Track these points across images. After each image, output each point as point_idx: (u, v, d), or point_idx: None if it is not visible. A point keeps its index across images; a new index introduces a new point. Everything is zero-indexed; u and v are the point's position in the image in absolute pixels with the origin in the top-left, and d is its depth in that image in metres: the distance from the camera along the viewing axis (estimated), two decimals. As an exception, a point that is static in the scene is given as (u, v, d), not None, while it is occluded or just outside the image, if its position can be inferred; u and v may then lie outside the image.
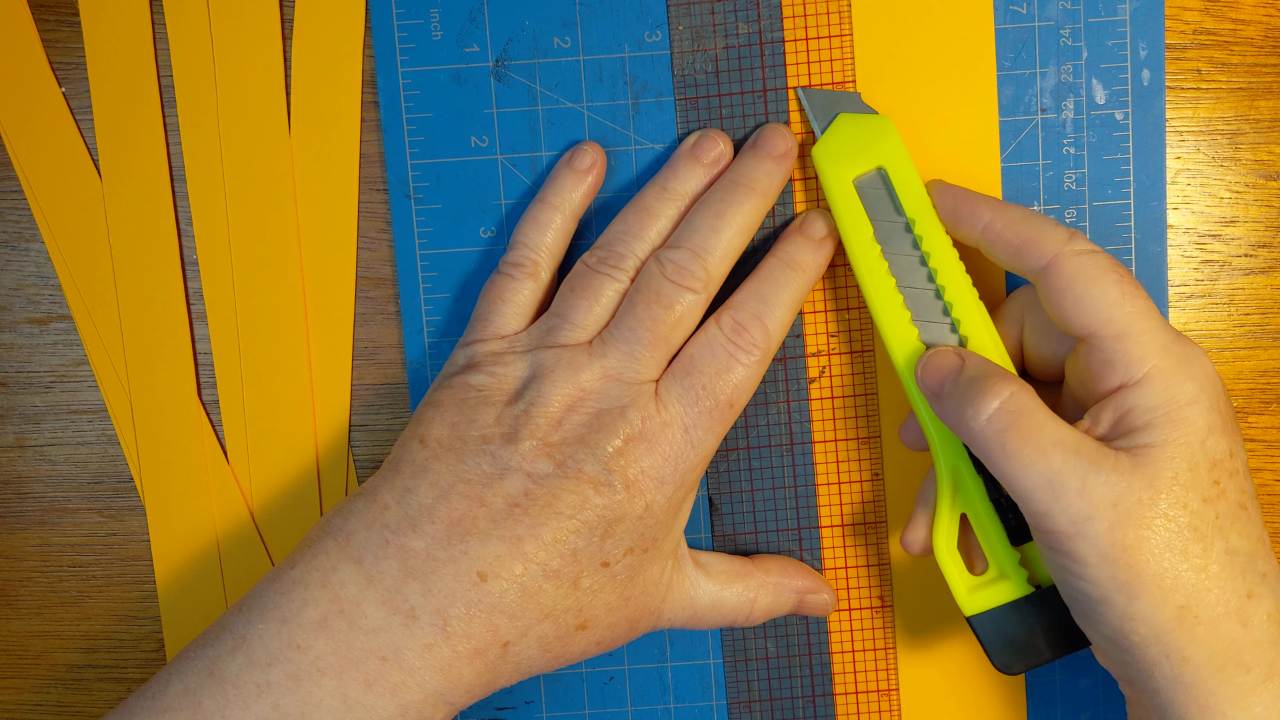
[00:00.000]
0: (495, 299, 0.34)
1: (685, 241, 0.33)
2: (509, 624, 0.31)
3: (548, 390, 0.32)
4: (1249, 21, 0.36)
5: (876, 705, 0.37)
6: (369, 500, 0.32)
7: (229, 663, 0.31)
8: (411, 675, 0.30)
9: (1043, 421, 0.29)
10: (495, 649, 0.31)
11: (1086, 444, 0.29)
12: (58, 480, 0.38)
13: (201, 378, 0.37)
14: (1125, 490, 0.29)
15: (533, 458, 0.31)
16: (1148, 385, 0.29)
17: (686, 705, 0.38)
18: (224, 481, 0.37)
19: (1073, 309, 0.30)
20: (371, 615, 0.30)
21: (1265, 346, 0.37)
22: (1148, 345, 0.30)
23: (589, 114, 0.36)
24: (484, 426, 0.32)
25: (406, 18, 0.35)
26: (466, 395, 0.32)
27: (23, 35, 0.36)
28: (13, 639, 0.38)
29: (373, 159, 0.36)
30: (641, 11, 0.35)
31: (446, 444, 0.32)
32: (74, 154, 0.36)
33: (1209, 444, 0.29)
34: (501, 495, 0.31)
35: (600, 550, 0.31)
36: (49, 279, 0.37)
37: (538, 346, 0.33)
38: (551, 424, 0.32)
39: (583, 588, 0.32)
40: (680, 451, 0.32)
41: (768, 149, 0.34)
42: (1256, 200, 0.36)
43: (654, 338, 0.32)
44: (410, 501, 0.31)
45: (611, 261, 0.33)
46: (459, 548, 0.31)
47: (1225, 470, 0.29)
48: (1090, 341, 0.30)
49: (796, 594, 0.36)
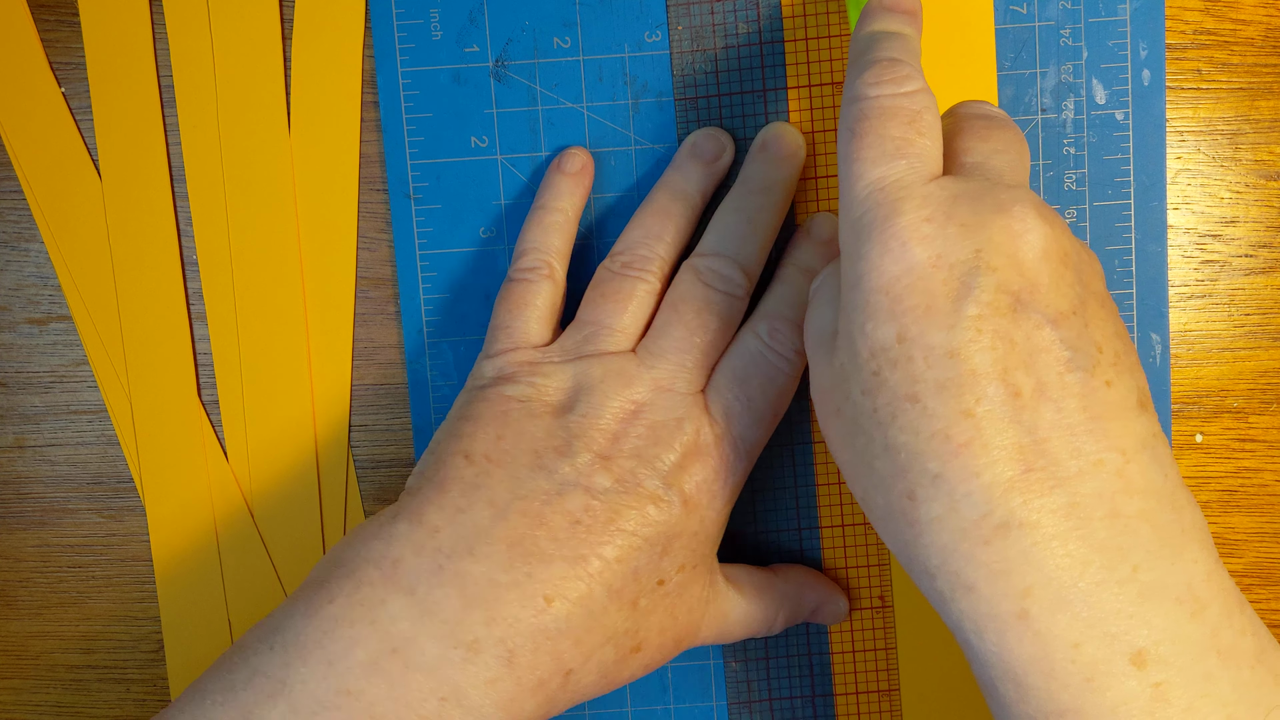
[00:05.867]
0: (516, 306, 0.33)
1: (722, 249, 0.33)
2: (573, 650, 0.29)
3: (599, 402, 0.31)
4: (1249, 21, 0.36)
5: (876, 705, 0.37)
6: (413, 523, 0.29)
7: (268, 711, 0.28)
8: (472, 714, 0.28)
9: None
10: (558, 678, 0.29)
11: (830, 334, 0.28)
12: (57, 480, 0.38)
13: (201, 378, 0.37)
14: (818, 381, 0.28)
15: (590, 472, 0.30)
16: (838, 268, 0.29)
17: (686, 705, 0.38)
18: (224, 481, 0.37)
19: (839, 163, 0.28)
20: (429, 651, 0.28)
21: (1265, 346, 0.37)
22: (841, 220, 0.28)
23: (589, 114, 0.36)
24: (534, 440, 0.30)
25: (406, 18, 0.35)
26: (508, 408, 0.31)
27: (23, 35, 0.36)
28: (12, 639, 0.38)
29: (373, 159, 0.36)
30: (641, 11, 0.35)
31: (495, 459, 0.30)
32: (74, 154, 0.36)
33: (868, 330, 0.26)
34: (561, 513, 0.29)
35: (657, 568, 0.30)
36: (49, 279, 0.37)
37: (578, 356, 0.32)
38: (607, 437, 0.30)
39: (640, 608, 0.30)
40: (731, 464, 0.31)
41: (779, 150, 0.34)
42: (1257, 200, 0.36)
43: (705, 346, 0.32)
44: (464, 522, 0.29)
45: (637, 264, 0.33)
46: (522, 570, 0.29)
47: (887, 359, 0.26)
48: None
49: (815, 604, 0.36)
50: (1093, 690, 0.24)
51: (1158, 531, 0.25)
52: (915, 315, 0.25)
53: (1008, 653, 0.25)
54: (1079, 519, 0.24)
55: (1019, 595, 0.24)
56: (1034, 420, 0.25)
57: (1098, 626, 0.24)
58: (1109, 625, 0.24)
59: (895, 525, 0.26)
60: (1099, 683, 0.24)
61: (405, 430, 0.37)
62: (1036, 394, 0.25)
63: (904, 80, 0.27)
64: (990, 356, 0.25)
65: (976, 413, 0.25)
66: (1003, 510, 0.24)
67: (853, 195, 0.27)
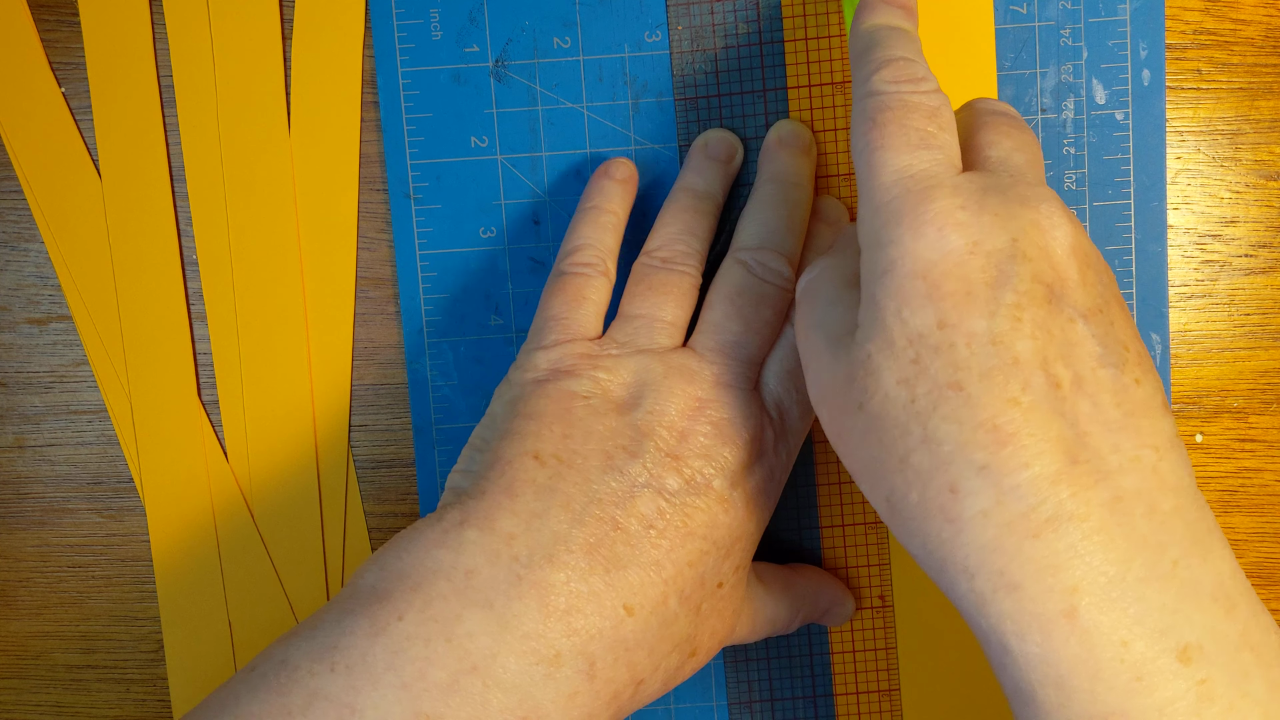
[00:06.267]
0: (573, 299, 0.32)
1: (767, 242, 0.32)
2: (646, 660, 0.28)
3: (665, 398, 0.30)
4: (1249, 21, 0.36)
5: (877, 705, 0.37)
6: (484, 530, 0.28)
7: None
8: None
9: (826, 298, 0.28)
10: (630, 689, 0.28)
11: (838, 329, 0.27)
12: (57, 480, 0.38)
13: (201, 378, 0.37)
14: (826, 380, 0.27)
15: (660, 473, 0.29)
16: (831, 265, 0.28)
17: (687, 705, 0.38)
18: (224, 481, 0.37)
19: (854, 159, 0.28)
20: (511, 668, 0.26)
21: (1265, 346, 0.37)
22: (863, 209, 0.27)
23: (589, 114, 0.36)
24: (601, 439, 0.29)
25: (406, 18, 0.35)
26: (571, 405, 0.30)
27: (23, 35, 0.36)
28: (12, 639, 0.38)
29: (373, 159, 0.36)
30: (641, 11, 0.35)
31: (565, 459, 0.29)
32: (74, 154, 0.36)
33: (905, 316, 0.25)
34: (635, 516, 0.28)
35: (719, 571, 0.29)
36: (49, 279, 0.37)
37: (636, 350, 0.31)
38: (675, 435, 0.29)
39: (702, 612, 0.29)
40: (784, 463, 0.31)
41: (799, 144, 0.34)
42: (1257, 200, 0.36)
43: (761, 342, 0.31)
44: (541, 528, 0.28)
45: (679, 259, 0.33)
46: (601, 579, 0.27)
47: (927, 346, 0.25)
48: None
49: (828, 605, 0.36)
50: (1141, 689, 0.23)
51: (1190, 529, 0.24)
52: (955, 300, 0.25)
53: (1053, 654, 0.23)
54: (1123, 514, 0.24)
55: (1067, 592, 0.23)
56: (1075, 413, 0.24)
57: (1146, 623, 0.23)
58: (1157, 621, 0.23)
59: (930, 523, 0.25)
60: (1148, 681, 0.23)
61: (405, 430, 0.37)
62: (1075, 386, 0.24)
63: (921, 80, 0.27)
64: (1031, 345, 0.24)
65: (1023, 402, 0.24)
66: (1052, 503, 0.23)
67: (877, 182, 0.26)
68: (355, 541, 0.38)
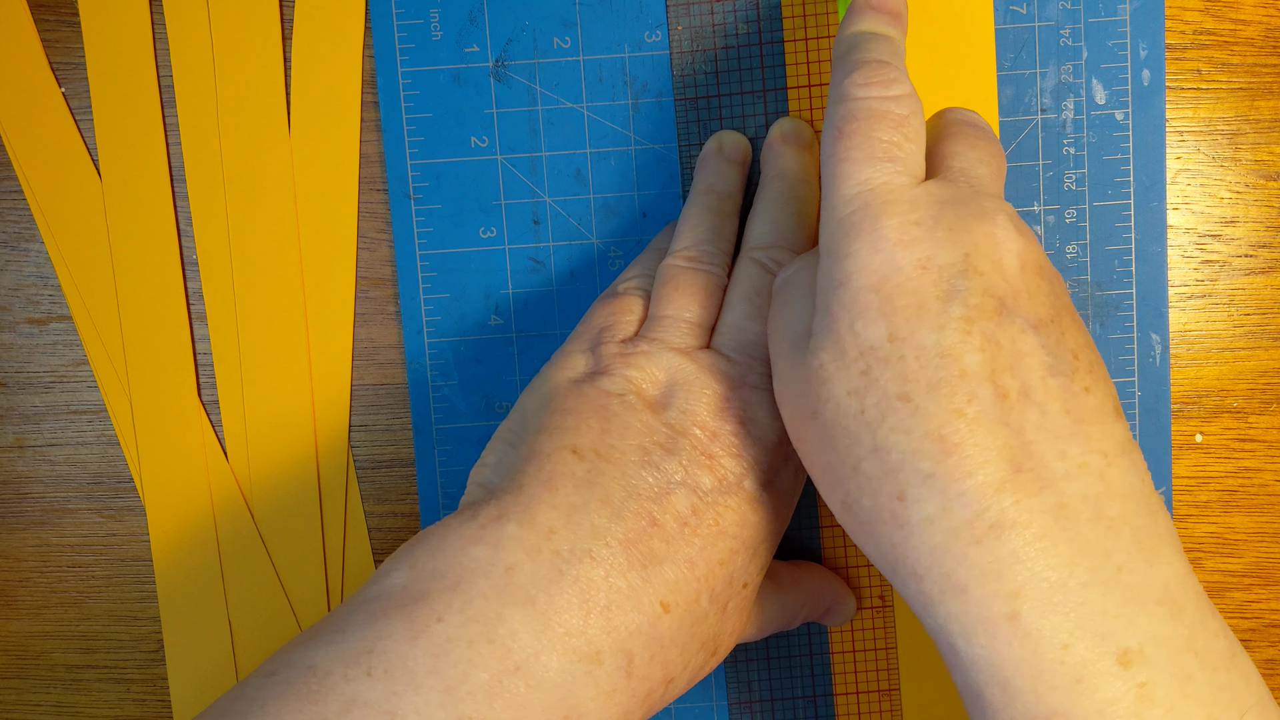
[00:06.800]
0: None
1: (779, 240, 0.33)
2: (679, 658, 0.28)
3: (696, 398, 0.30)
4: (1249, 21, 0.36)
5: (877, 705, 0.37)
6: (524, 524, 0.27)
7: None
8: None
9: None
10: (661, 688, 0.28)
11: (801, 332, 0.28)
12: (57, 480, 0.38)
13: (201, 378, 0.37)
14: (788, 384, 0.28)
15: (695, 471, 0.29)
16: (805, 266, 0.29)
17: (687, 705, 0.38)
18: (224, 481, 0.37)
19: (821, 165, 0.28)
20: (553, 667, 0.26)
21: (1265, 346, 0.37)
22: (825, 218, 0.27)
23: (589, 114, 0.36)
24: (638, 434, 0.29)
25: (406, 18, 0.35)
26: (607, 402, 0.29)
27: (23, 35, 0.36)
28: (12, 639, 0.38)
29: (373, 159, 0.36)
30: (641, 11, 0.35)
31: (604, 454, 0.28)
32: (74, 154, 0.36)
33: (858, 329, 0.26)
34: (671, 513, 0.28)
35: (746, 572, 0.29)
36: (49, 279, 0.37)
37: (667, 349, 0.31)
38: (708, 435, 0.29)
39: (727, 612, 0.29)
40: (804, 461, 0.31)
41: (802, 140, 0.35)
42: (1256, 200, 0.36)
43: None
44: (581, 522, 0.27)
45: (706, 259, 0.33)
46: (639, 575, 0.27)
47: (877, 358, 0.25)
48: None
49: (830, 603, 0.36)
50: (1081, 691, 0.24)
51: (1136, 534, 0.25)
52: (906, 315, 0.25)
53: (997, 655, 0.24)
54: (1067, 520, 0.24)
55: (1010, 596, 0.24)
56: (1021, 422, 0.25)
57: (1087, 626, 0.24)
58: (1098, 625, 0.24)
59: (882, 528, 0.26)
60: (1088, 684, 0.24)
61: (405, 430, 0.37)
62: (1022, 396, 0.25)
63: (892, 84, 0.28)
64: (980, 358, 0.25)
65: (968, 413, 0.25)
66: (995, 510, 0.24)
67: (840, 195, 0.27)
68: (355, 541, 0.38)
